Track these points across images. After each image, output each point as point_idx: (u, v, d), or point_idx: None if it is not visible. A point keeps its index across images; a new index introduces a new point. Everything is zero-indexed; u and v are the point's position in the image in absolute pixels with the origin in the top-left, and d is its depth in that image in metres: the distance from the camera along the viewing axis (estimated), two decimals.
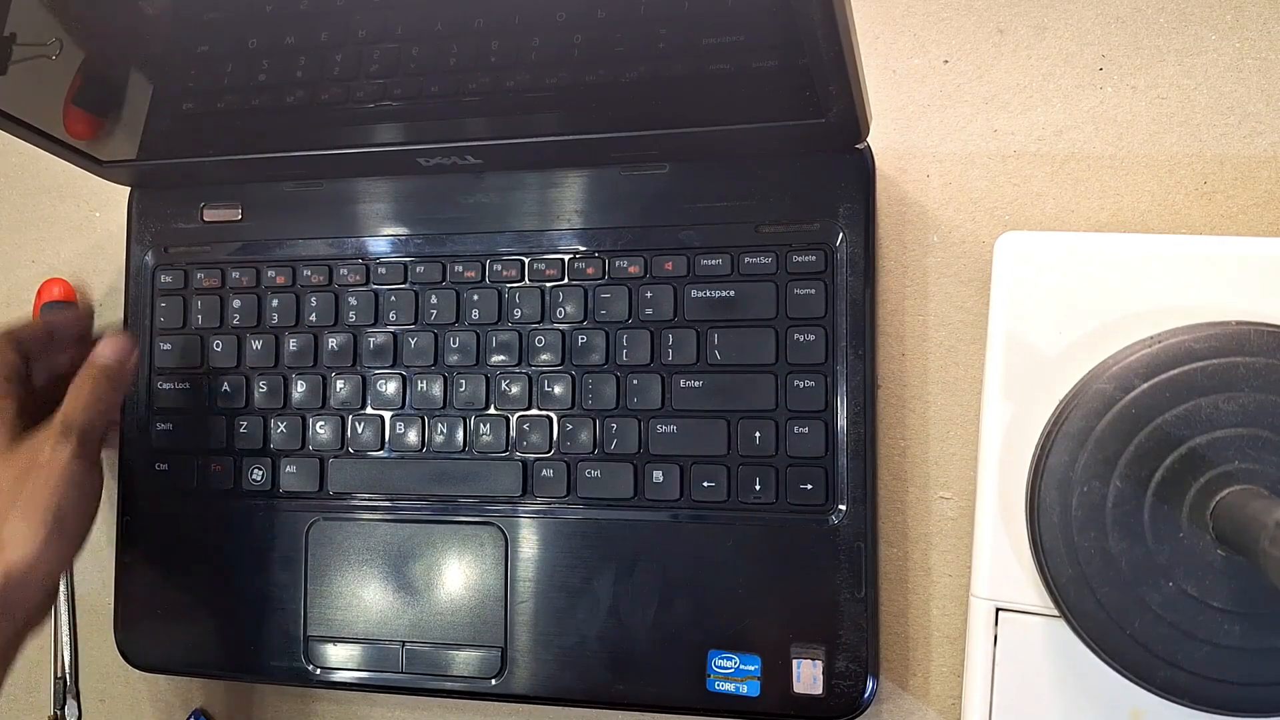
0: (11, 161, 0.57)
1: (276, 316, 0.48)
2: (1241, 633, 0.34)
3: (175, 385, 0.49)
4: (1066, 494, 0.35)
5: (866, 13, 0.46)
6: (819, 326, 0.42)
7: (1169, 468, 0.34)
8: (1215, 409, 0.34)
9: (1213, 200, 0.42)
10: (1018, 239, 0.39)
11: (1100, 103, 0.43)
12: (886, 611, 0.44)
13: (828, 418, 0.42)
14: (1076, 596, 0.35)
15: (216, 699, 0.52)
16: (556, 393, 0.45)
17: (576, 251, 0.45)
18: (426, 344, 0.47)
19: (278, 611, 0.47)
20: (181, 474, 0.49)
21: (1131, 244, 0.38)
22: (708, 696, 0.42)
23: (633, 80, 0.38)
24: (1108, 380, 0.35)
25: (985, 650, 0.39)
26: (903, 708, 0.44)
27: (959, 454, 0.44)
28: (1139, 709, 0.37)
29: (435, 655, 0.45)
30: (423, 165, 0.45)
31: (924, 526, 0.44)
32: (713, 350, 0.43)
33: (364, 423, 0.47)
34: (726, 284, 0.43)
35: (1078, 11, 0.44)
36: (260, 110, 0.43)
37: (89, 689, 0.54)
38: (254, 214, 0.49)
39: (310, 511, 0.47)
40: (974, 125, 0.45)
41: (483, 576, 0.45)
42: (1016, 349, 0.39)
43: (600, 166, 0.45)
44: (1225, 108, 0.42)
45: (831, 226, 0.43)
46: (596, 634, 0.44)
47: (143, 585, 0.49)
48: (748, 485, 0.43)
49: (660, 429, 0.44)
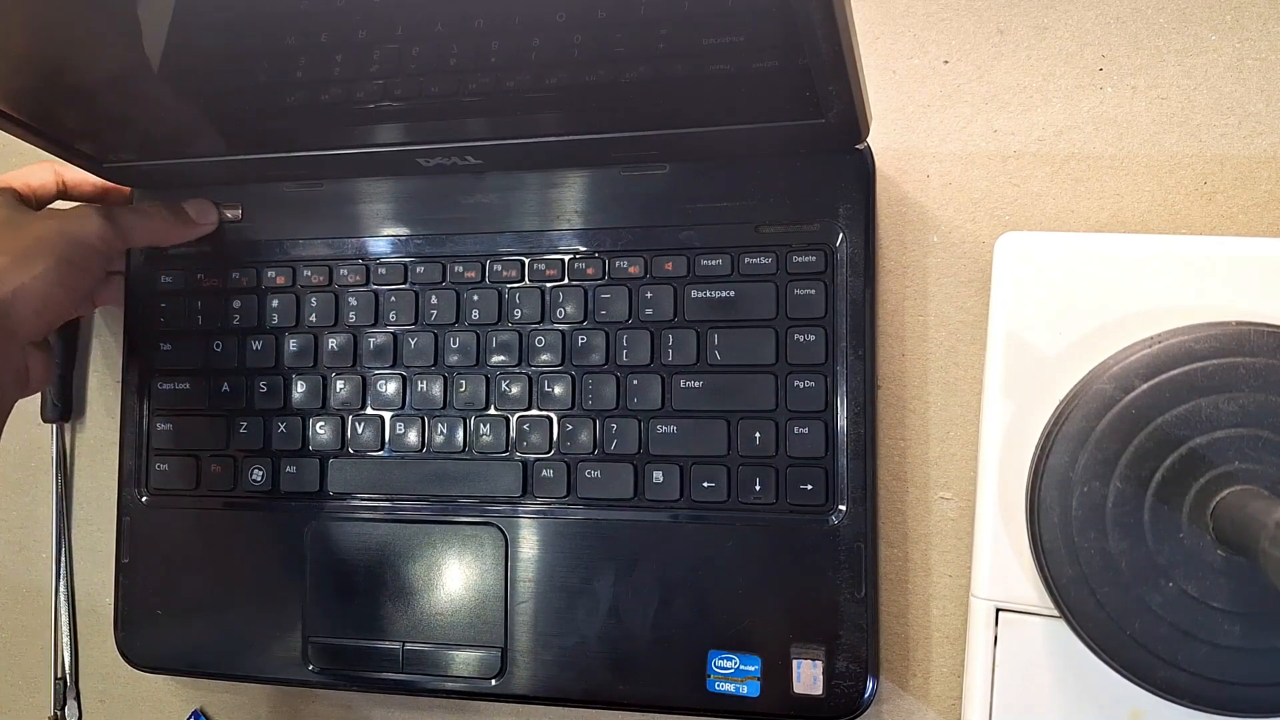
0: (12, 162, 0.57)
1: (277, 317, 0.48)
2: (1241, 633, 0.34)
3: (175, 385, 0.49)
4: (1066, 494, 0.35)
5: (866, 13, 0.46)
6: (819, 327, 0.42)
7: (1169, 468, 0.34)
8: (1215, 409, 0.34)
9: (1213, 200, 0.42)
10: (1018, 239, 0.39)
11: (1100, 103, 0.43)
12: (886, 612, 0.44)
13: (828, 418, 0.42)
14: (1076, 596, 0.35)
15: (216, 699, 0.52)
16: (556, 393, 0.45)
17: (576, 252, 0.45)
18: (426, 344, 0.47)
19: (277, 612, 0.47)
20: (182, 474, 0.49)
21: (1131, 244, 0.38)
22: (708, 697, 0.42)
23: (633, 81, 0.38)
24: (1108, 380, 0.35)
25: (985, 650, 0.39)
26: (903, 708, 0.44)
27: (959, 454, 0.44)
28: (1139, 709, 0.37)
29: (435, 655, 0.45)
30: (423, 165, 0.45)
31: (924, 527, 0.44)
32: (713, 350, 0.43)
33: (364, 423, 0.47)
34: (726, 284, 0.43)
35: (1078, 11, 0.44)
36: (260, 111, 0.43)
37: (89, 689, 0.54)
38: (254, 214, 0.49)
39: (310, 512, 0.47)
40: (974, 125, 0.45)
41: (483, 577, 0.45)
42: (1016, 349, 0.39)
43: (600, 167, 0.45)
44: (1225, 108, 0.42)
45: (831, 227, 0.43)
46: (596, 634, 0.44)
47: (143, 585, 0.49)
48: (748, 485, 0.43)
49: (660, 429, 0.44)
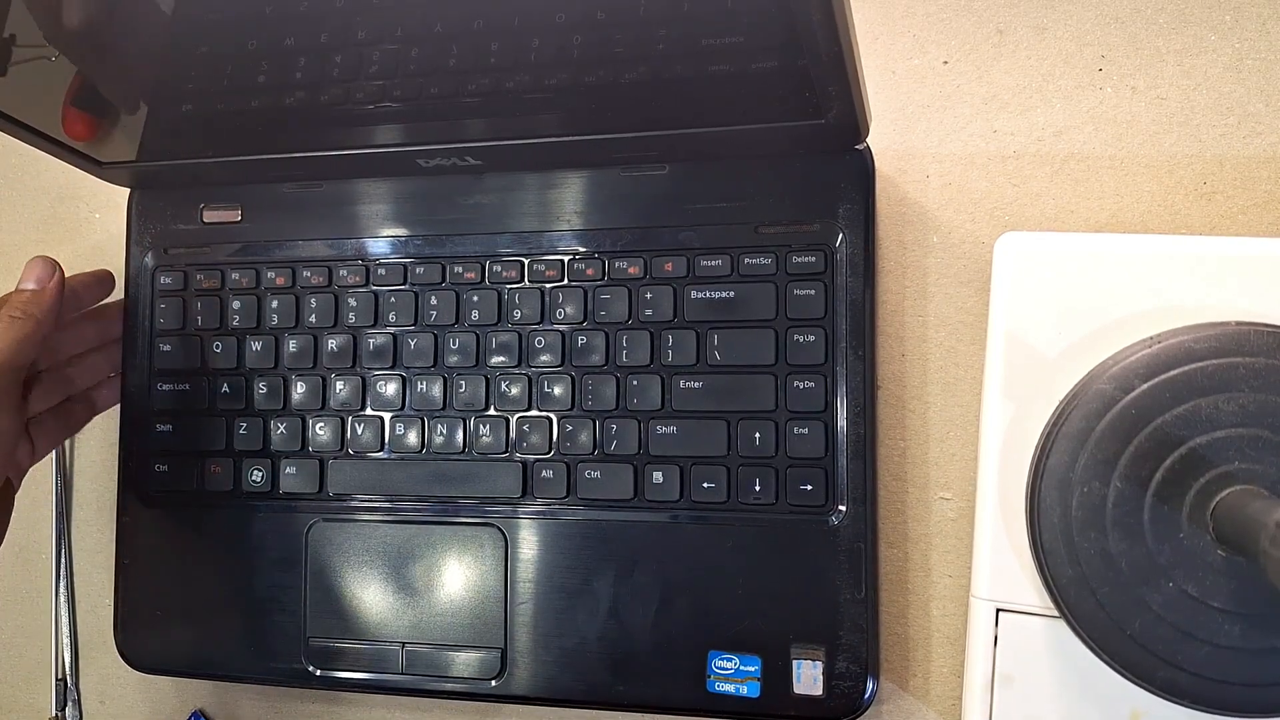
0: (11, 162, 0.57)
1: (276, 318, 0.48)
2: (1242, 633, 0.34)
3: (175, 386, 0.49)
4: (1066, 494, 0.35)
5: (866, 13, 0.46)
6: (819, 327, 0.42)
7: (1169, 468, 0.34)
8: (1215, 409, 0.34)
9: (1213, 200, 0.42)
10: (1018, 239, 0.39)
11: (1100, 103, 0.43)
12: (886, 612, 0.44)
13: (828, 418, 0.42)
14: (1077, 597, 0.35)
15: (216, 699, 0.52)
16: (556, 394, 0.45)
17: (576, 252, 0.45)
18: (426, 345, 0.47)
19: (277, 613, 0.47)
20: (181, 475, 0.49)
21: (1131, 244, 0.38)
22: (708, 697, 0.42)
23: (632, 81, 0.38)
24: (1108, 380, 0.35)
25: (985, 650, 0.39)
26: (903, 708, 0.44)
27: (959, 454, 0.44)
28: (1139, 709, 0.37)
29: (435, 656, 0.45)
30: (422, 166, 0.45)
31: (924, 527, 0.44)
32: (713, 351, 0.43)
33: (364, 424, 0.47)
34: (726, 285, 0.43)
35: (1078, 11, 0.44)
36: (260, 111, 0.43)
37: (89, 690, 0.54)
38: (254, 215, 0.49)
39: (310, 513, 0.47)
40: (974, 125, 0.45)
41: (482, 577, 0.45)
42: (1016, 349, 0.39)
43: (600, 167, 0.45)
44: (1225, 108, 0.42)
45: (831, 227, 0.43)
46: (596, 635, 0.44)
47: (143, 586, 0.49)
48: (748, 486, 0.43)
49: (660, 430, 0.44)
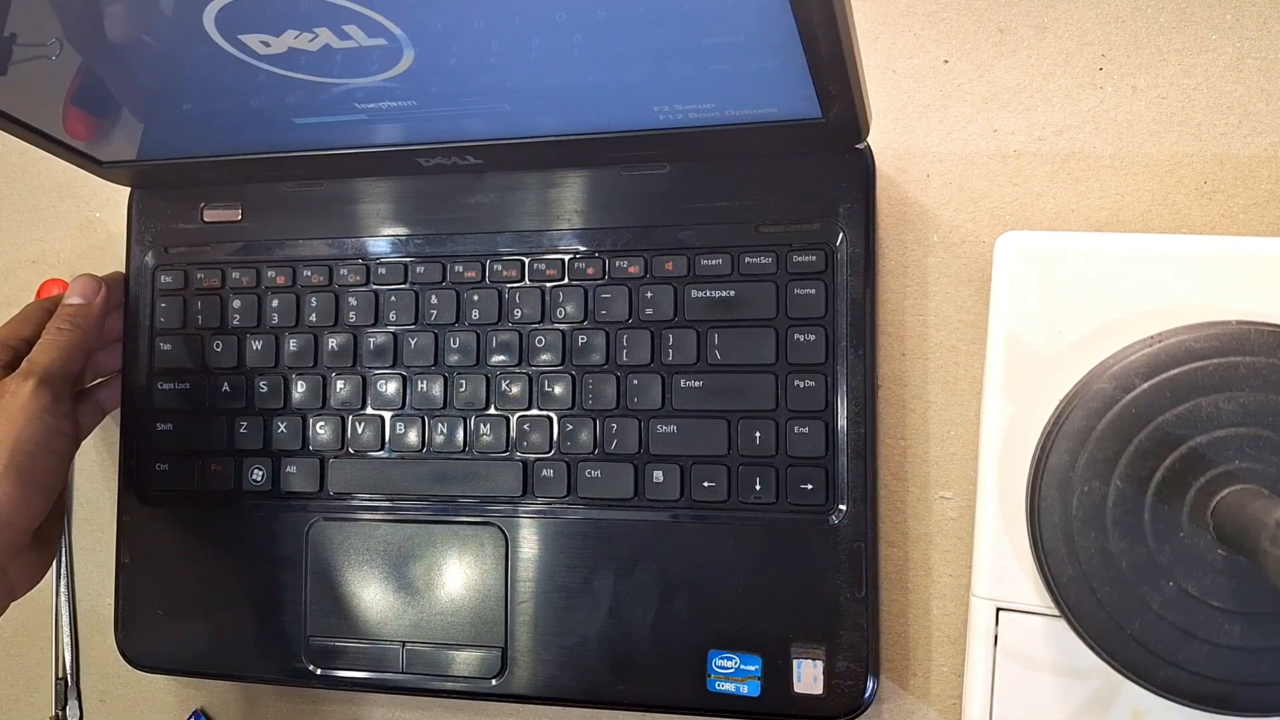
0: (11, 162, 0.57)
1: (276, 317, 0.48)
2: (1242, 632, 0.34)
3: (175, 385, 0.49)
4: (1067, 494, 0.35)
5: (866, 13, 0.46)
6: (819, 326, 0.42)
7: (1169, 467, 0.34)
8: (1215, 408, 0.34)
9: (1213, 200, 0.42)
10: (1018, 239, 0.39)
11: (1100, 102, 0.43)
12: (887, 611, 0.44)
13: (828, 418, 0.42)
14: (1077, 596, 0.35)
15: (216, 699, 0.52)
16: (557, 393, 0.45)
17: (576, 252, 0.45)
18: (426, 344, 0.47)
19: (278, 612, 0.47)
20: (181, 474, 0.49)
21: (1131, 244, 0.38)
22: (708, 696, 0.42)
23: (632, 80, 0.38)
24: (1108, 380, 0.35)
25: (985, 650, 0.39)
26: (903, 708, 0.44)
27: (959, 454, 0.44)
28: (1139, 709, 0.37)
29: (435, 655, 0.45)
30: (423, 165, 0.45)
31: (924, 526, 0.44)
32: (713, 350, 0.43)
33: (364, 423, 0.47)
34: (726, 284, 0.43)
35: (1078, 11, 0.44)
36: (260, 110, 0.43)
37: (89, 689, 0.54)
38: (254, 214, 0.49)
39: (310, 512, 0.47)
40: (974, 125, 0.45)
41: (483, 576, 0.45)
42: (1016, 349, 0.39)
43: (600, 167, 0.45)
44: (1225, 107, 0.42)
45: (831, 226, 0.43)
46: (597, 634, 0.44)
47: (143, 585, 0.49)
48: (748, 485, 0.43)
49: (660, 429, 0.44)
